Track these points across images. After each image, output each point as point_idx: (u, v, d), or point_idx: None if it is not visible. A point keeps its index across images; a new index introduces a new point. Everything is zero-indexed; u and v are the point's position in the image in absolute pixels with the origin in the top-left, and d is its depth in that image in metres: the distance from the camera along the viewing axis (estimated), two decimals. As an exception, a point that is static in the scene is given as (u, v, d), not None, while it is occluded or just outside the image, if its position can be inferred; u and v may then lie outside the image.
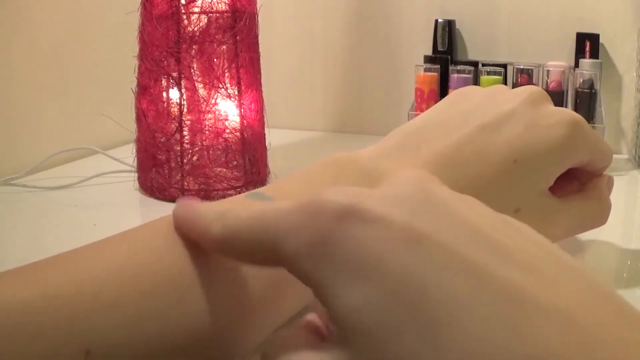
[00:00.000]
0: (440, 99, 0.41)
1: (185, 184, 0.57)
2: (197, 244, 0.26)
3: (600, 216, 0.40)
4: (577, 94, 0.68)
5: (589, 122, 0.40)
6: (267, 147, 0.62)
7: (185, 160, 0.57)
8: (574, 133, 0.37)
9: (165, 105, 0.57)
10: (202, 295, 0.26)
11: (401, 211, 0.20)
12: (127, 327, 0.24)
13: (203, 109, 0.56)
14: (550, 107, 0.38)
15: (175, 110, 0.57)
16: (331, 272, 0.19)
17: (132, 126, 0.59)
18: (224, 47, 0.56)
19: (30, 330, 0.22)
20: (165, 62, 0.56)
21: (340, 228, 0.20)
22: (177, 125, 0.56)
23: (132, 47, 0.58)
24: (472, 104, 0.38)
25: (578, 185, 0.40)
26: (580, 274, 0.19)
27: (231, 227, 0.23)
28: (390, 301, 0.18)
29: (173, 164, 0.57)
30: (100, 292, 0.24)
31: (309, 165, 0.35)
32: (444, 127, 0.37)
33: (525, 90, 0.38)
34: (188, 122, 0.57)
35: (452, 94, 0.41)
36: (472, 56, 0.81)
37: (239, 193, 0.46)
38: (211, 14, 0.56)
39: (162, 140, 0.57)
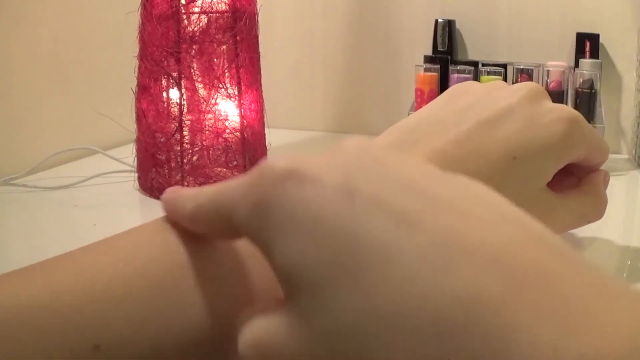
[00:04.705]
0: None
1: (185, 184, 0.57)
2: (196, 239, 0.27)
3: (596, 211, 0.40)
4: (577, 94, 0.68)
5: (589, 122, 0.40)
6: (267, 147, 0.62)
7: (185, 160, 0.57)
8: (572, 130, 0.37)
9: (165, 105, 0.57)
10: (204, 291, 0.26)
11: (336, 172, 0.21)
12: (135, 322, 0.24)
13: (203, 109, 0.56)
14: (549, 103, 0.38)
15: (175, 110, 0.57)
16: (272, 231, 0.20)
17: (132, 126, 0.59)
18: (224, 47, 0.56)
19: (40, 326, 0.23)
20: (165, 62, 0.56)
21: (280, 190, 0.21)
22: (177, 125, 0.56)
23: (132, 47, 0.58)
24: (470, 100, 0.38)
25: (575, 180, 0.40)
26: (517, 218, 0.20)
27: (198, 203, 0.25)
28: (324, 253, 0.19)
29: (173, 164, 0.57)
30: (108, 288, 0.24)
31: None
32: (442, 123, 0.37)
33: (523, 86, 0.38)
34: (188, 122, 0.57)
35: (450, 90, 0.41)
36: (472, 56, 0.81)
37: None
38: (211, 14, 0.56)
39: (162, 140, 0.57)
